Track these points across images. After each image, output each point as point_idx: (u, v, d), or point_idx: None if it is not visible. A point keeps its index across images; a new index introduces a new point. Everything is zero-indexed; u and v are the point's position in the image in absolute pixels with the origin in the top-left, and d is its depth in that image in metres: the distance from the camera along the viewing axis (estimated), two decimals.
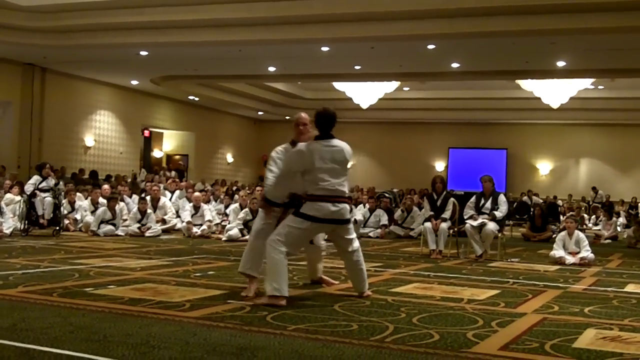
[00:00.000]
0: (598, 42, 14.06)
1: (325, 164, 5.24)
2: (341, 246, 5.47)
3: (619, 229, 16.99)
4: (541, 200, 22.01)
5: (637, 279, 7.63)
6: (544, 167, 26.97)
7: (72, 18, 14.86)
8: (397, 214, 14.26)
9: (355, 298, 5.38)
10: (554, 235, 12.83)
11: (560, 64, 16.41)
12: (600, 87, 21.32)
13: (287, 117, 27.65)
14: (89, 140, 20.83)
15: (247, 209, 11.73)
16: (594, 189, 24.63)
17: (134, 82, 21.18)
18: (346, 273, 5.75)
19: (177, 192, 14.94)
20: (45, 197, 11.17)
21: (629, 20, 12.30)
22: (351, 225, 5.54)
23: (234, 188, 21.04)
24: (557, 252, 9.19)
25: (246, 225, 11.62)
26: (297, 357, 3.41)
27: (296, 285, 5.96)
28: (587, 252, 9.07)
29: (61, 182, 12.51)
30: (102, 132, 21.40)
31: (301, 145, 5.43)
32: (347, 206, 5.39)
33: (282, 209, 5.50)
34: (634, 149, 25.26)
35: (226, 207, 13.71)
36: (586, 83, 19.11)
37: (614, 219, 16.83)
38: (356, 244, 5.47)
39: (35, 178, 11.56)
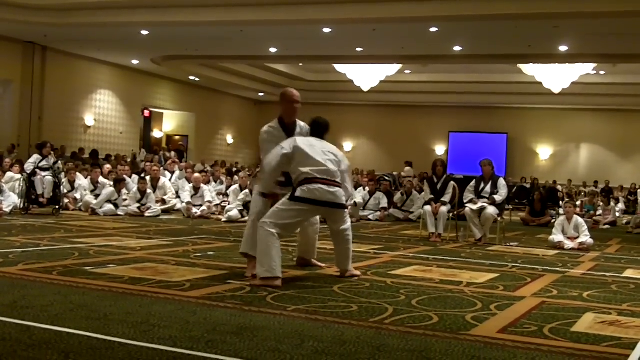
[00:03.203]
0: (601, 27, 13.99)
1: (318, 150, 5.26)
2: (333, 228, 5.43)
3: (617, 214, 17.02)
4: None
5: (636, 264, 7.64)
6: (544, 151, 26.95)
7: None
8: (397, 197, 14.26)
9: (355, 280, 5.38)
10: (553, 220, 12.85)
11: (563, 48, 16.34)
12: (601, 72, 21.24)
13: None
14: (89, 119, 20.79)
15: (247, 190, 11.73)
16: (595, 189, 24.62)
17: (135, 62, 21.10)
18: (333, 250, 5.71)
19: (177, 172, 14.93)
20: (45, 176, 11.17)
21: (632, 4, 12.23)
22: (346, 211, 5.51)
23: (234, 169, 21.03)
24: (556, 236, 9.21)
25: (246, 206, 11.61)
26: (297, 338, 3.42)
27: (297, 267, 5.96)
28: (586, 237, 9.09)
29: (60, 161, 12.47)
30: (102, 111, 21.35)
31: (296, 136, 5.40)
32: (341, 190, 5.31)
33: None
34: (635, 134, 25.24)
35: (227, 187, 13.70)
36: (588, 68, 19.04)
37: (612, 204, 16.85)
38: (347, 224, 5.43)
39: (36, 157, 11.55)
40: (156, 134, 26.57)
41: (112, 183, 12.21)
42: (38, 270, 5.16)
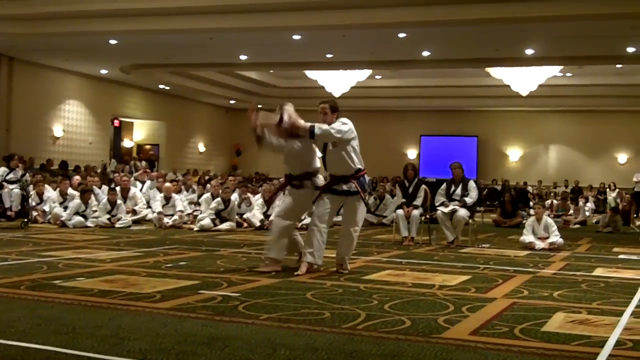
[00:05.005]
0: (566, 30, 14.20)
1: None
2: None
3: (587, 214, 17.26)
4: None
5: (605, 262, 7.75)
6: (514, 153, 27.26)
7: (40, 5, 14.58)
8: (370, 201, 14.28)
9: (328, 286, 5.37)
10: (524, 221, 12.98)
11: (529, 51, 16.55)
12: (568, 74, 21.57)
13: (260, 106, 27.44)
14: (57, 130, 20.52)
15: (219, 199, 11.66)
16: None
17: (104, 71, 20.90)
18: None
19: (148, 182, 14.78)
20: (12, 188, 10.97)
21: (596, 7, 12.44)
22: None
23: (206, 177, 20.92)
24: (527, 237, 9.30)
25: (218, 214, 11.56)
26: (269, 346, 3.39)
27: (269, 275, 5.94)
28: (556, 237, 9.19)
29: (28, 174, 12.27)
30: (71, 122, 21.09)
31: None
32: None
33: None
34: (602, 135, 25.64)
35: (199, 196, 13.61)
36: (554, 70, 19.32)
37: (581, 204, 17.09)
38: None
39: (3, 169, 11.35)
40: (126, 143, 26.31)
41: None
42: (5, 285, 5.06)
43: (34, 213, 11.84)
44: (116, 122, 24.54)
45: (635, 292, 5.46)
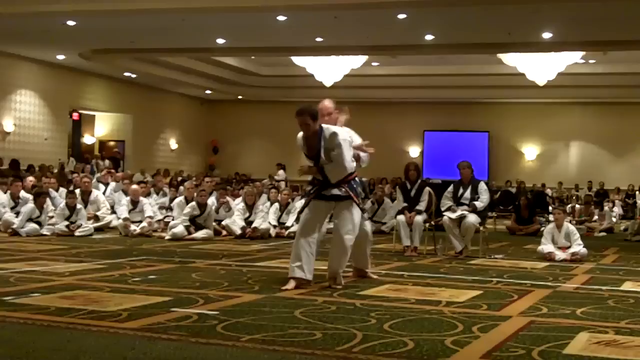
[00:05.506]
0: (588, 10, 14.26)
1: None
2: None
3: (614, 219, 17.33)
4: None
5: (635, 275, 7.79)
6: (530, 151, 27.40)
7: None
8: (367, 206, 14.30)
9: (319, 303, 5.38)
10: (542, 228, 13.05)
11: (546, 35, 16.62)
12: (591, 61, 21.68)
13: (240, 97, 27.57)
14: (7, 124, 20.47)
15: (193, 203, 11.65)
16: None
17: (60, 57, 20.85)
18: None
19: (112, 184, 14.77)
20: None
21: None
22: None
23: (179, 179, 20.90)
24: (546, 247, 9.33)
25: (193, 221, 11.54)
26: None
27: (252, 290, 5.94)
28: (578, 247, 9.22)
29: None
30: (23, 115, 21.04)
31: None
32: None
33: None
34: (630, 129, 25.77)
35: (171, 200, 13.59)
36: (576, 57, 19.40)
37: (606, 208, 17.19)
38: None
39: None
40: (87, 139, 26.28)
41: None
42: None
43: None
44: (75, 115, 24.47)
45: None
